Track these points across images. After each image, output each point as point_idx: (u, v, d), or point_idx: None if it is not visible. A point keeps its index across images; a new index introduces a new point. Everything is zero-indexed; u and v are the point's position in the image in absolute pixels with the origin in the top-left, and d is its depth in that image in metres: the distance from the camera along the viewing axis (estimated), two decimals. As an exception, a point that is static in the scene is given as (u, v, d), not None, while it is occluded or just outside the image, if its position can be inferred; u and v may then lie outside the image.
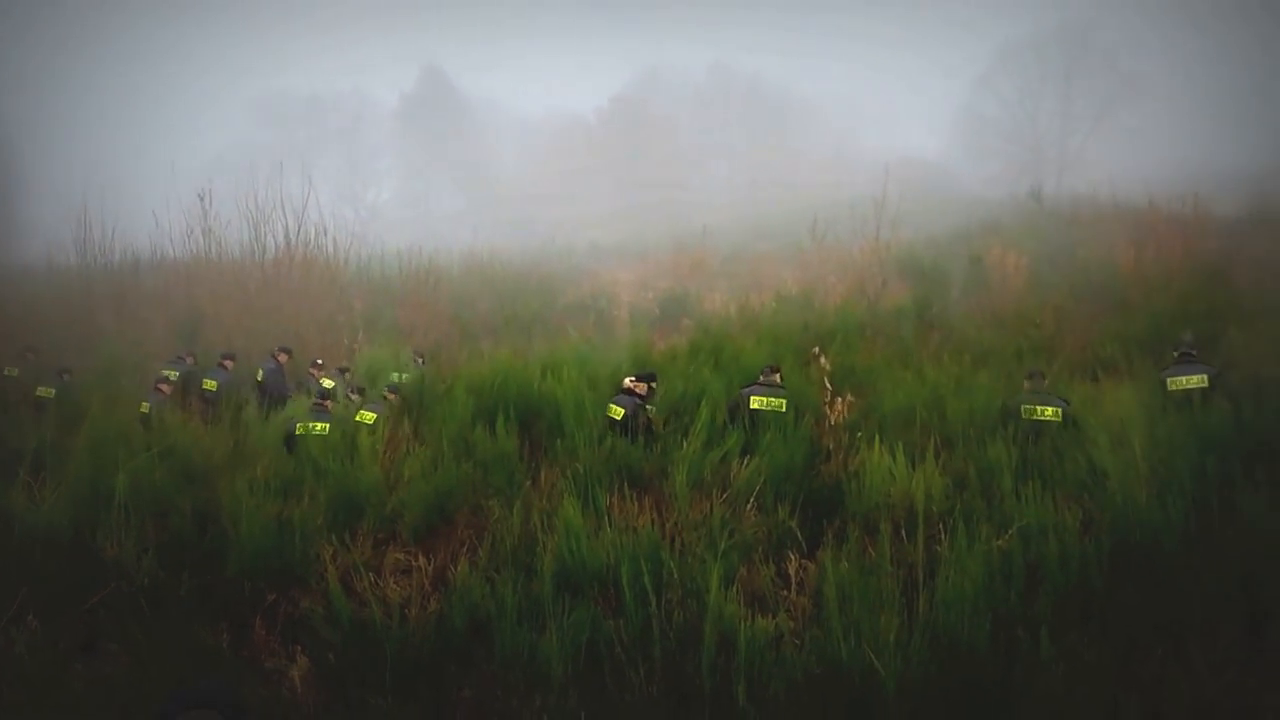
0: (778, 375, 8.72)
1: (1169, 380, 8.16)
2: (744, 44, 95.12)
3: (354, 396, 10.44)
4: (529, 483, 7.55)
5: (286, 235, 17.93)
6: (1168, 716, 4.50)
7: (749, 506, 6.80)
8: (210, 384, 11.62)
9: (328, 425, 8.85)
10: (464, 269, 26.12)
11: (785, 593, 5.73)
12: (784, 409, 8.21)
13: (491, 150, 72.13)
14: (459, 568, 6.03)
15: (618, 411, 8.33)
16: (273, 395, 11.27)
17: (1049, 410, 7.85)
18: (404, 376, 11.09)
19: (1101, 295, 13.53)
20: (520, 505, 6.79)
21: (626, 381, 8.80)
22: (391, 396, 9.96)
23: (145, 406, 10.40)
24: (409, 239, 26.65)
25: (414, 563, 6.44)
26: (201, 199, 18.04)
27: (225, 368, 12.05)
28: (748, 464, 7.31)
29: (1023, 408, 8.00)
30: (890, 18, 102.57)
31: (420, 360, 12.35)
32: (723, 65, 75.36)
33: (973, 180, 62.59)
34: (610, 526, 6.25)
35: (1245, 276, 14.36)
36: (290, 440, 8.84)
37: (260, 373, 11.84)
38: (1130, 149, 60.57)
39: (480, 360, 11.53)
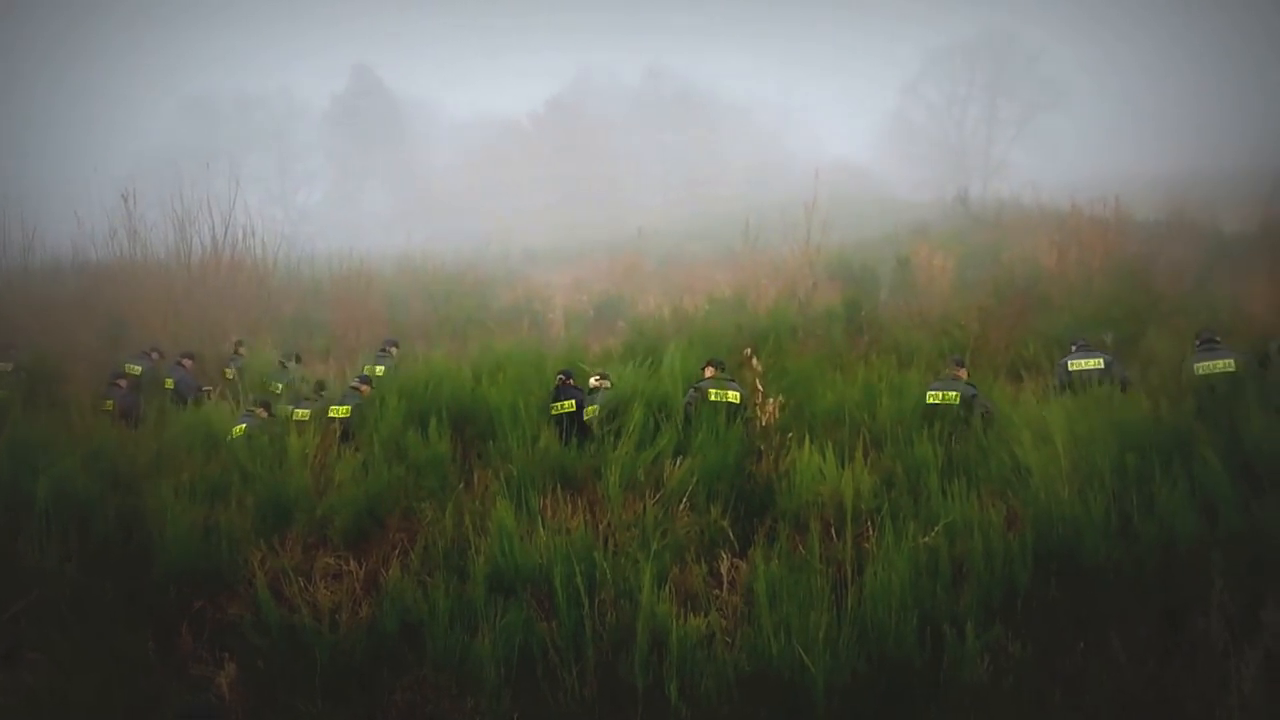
0: (722, 369, 8.85)
1: (1070, 363, 8.75)
2: (678, 49, 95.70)
3: (320, 394, 10.23)
4: (462, 486, 7.48)
5: (213, 237, 17.51)
6: (1090, 708, 4.60)
7: (682, 506, 6.81)
8: (169, 382, 11.50)
9: (244, 427, 8.73)
10: (397, 271, 25.79)
11: (718, 592, 5.76)
12: (739, 400, 8.36)
13: (425, 153, 71.33)
14: (390, 572, 5.98)
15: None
16: (186, 400, 11.06)
17: (951, 395, 8.15)
18: (379, 369, 10.84)
19: (1025, 296, 13.83)
20: (453, 508, 6.73)
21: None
22: (364, 389, 9.72)
23: (109, 404, 10.28)
24: (340, 241, 26.24)
25: (345, 567, 6.35)
26: (125, 200, 17.53)
27: (184, 366, 11.91)
28: (680, 464, 7.32)
29: (928, 393, 8.31)
30: (822, 26, 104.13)
31: (393, 349, 11.97)
32: (657, 70, 75.76)
33: (901, 185, 63.76)
34: (543, 528, 6.23)
35: (1164, 278, 14.87)
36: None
37: (170, 380, 11.60)
38: (1053, 154, 62.33)
39: (413, 363, 11.34)
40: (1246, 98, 72.99)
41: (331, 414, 9.01)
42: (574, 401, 8.82)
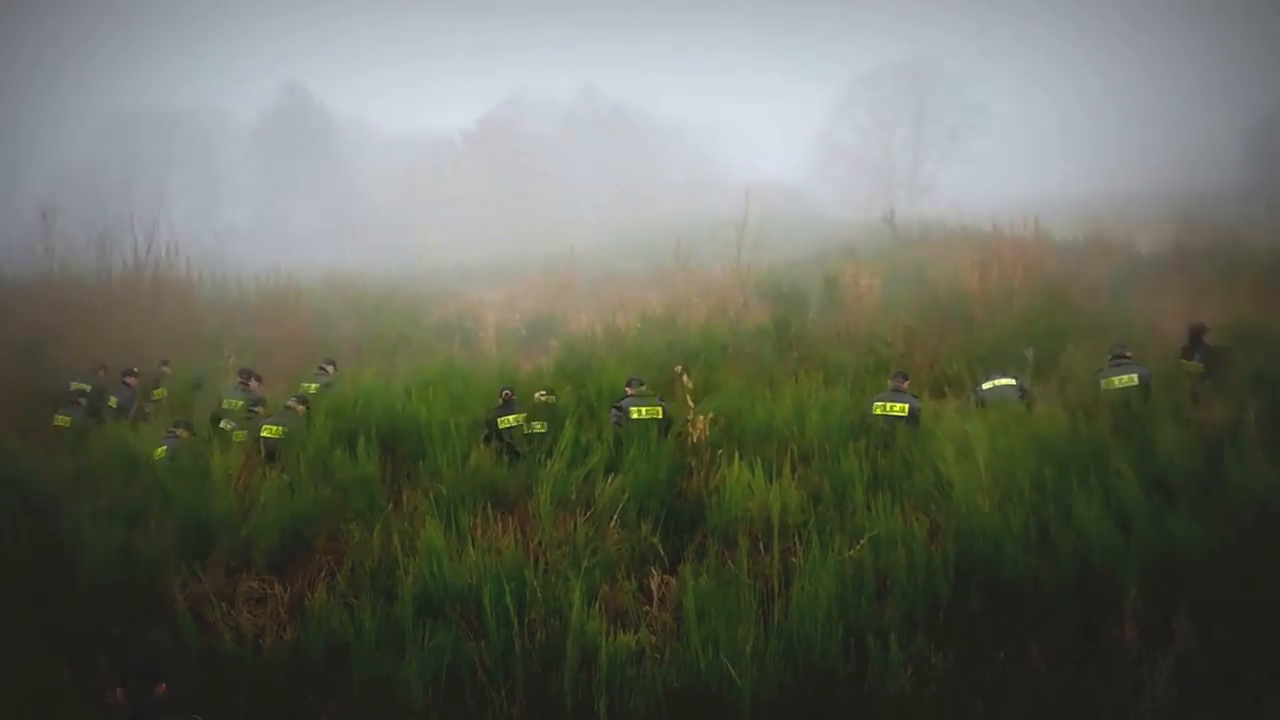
0: (644, 386, 9.00)
1: (983, 384, 9.14)
2: (611, 68, 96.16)
3: (257, 410, 9.98)
4: (391, 506, 7.36)
5: (135, 254, 17.05)
6: (1009, 716, 4.69)
7: (613, 524, 6.82)
8: (113, 400, 11.23)
9: (165, 449, 8.52)
10: (326, 289, 25.37)
11: (648, 608, 5.77)
12: (660, 415, 8.50)
13: (356, 170, 70.36)
14: (316, 594, 5.85)
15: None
16: (131, 418, 10.81)
17: (898, 406, 8.40)
18: (313, 386, 10.60)
19: (948, 315, 14.14)
20: (381, 529, 6.63)
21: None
22: (300, 408, 9.49)
23: (64, 420, 10.15)
24: (269, 258, 25.77)
25: (269, 590, 6.21)
26: (44, 216, 17.06)
27: (128, 384, 11.60)
28: (612, 481, 7.33)
29: (874, 404, 8.55)
30: (754, 47, 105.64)
31: (330, 368, 11.72)
32: (590, 89, 75.98)
33: (831, 205, 64.77)
34: (473, 548, 6.18)
35: (1082, 296, 15.37)
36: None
37: (113, 399, 11.29)
38: (976, 176, 63.97)
39: (342, 381, 11.16)
40: (1159, 123, 76.11)
41: (264, 433, 8.83)
42: (522, 415, 8.97)
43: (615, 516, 6.89)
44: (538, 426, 8.85)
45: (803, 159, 76.64)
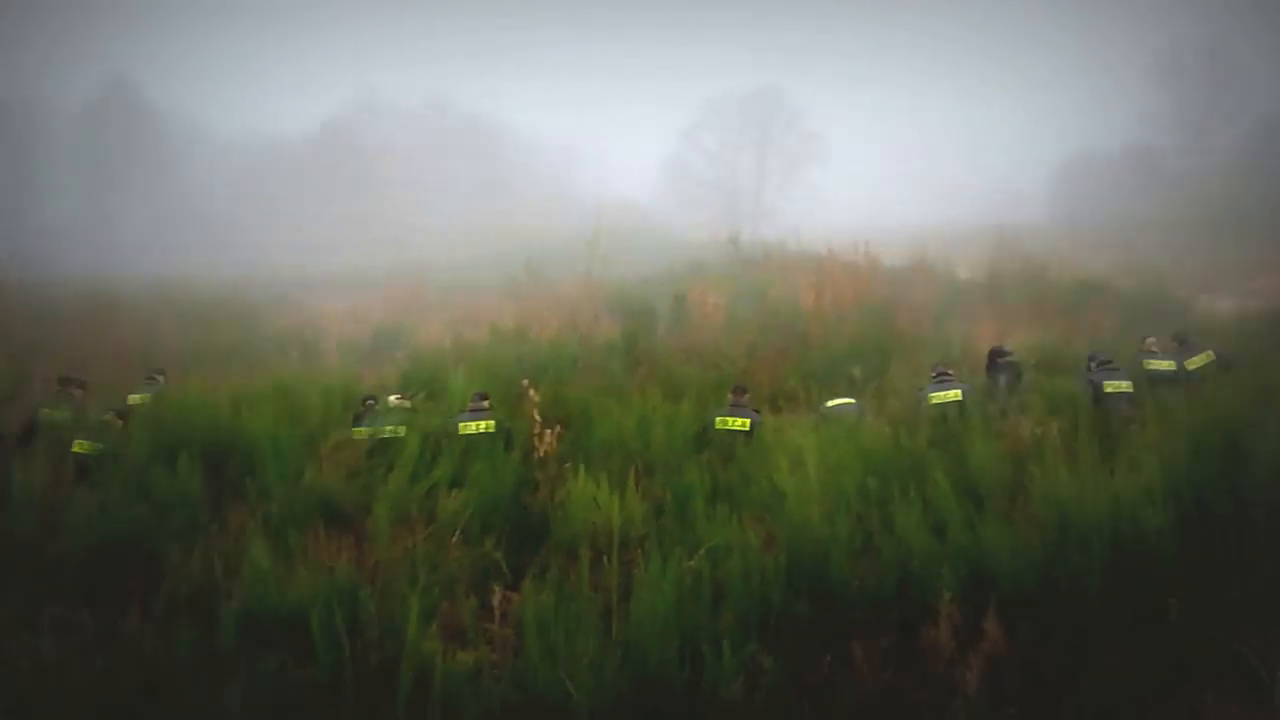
0: (486, 401, 9.08)
1: (827, 403, 9.66)
2: (464, 78, 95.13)
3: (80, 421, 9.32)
4: (215, 525, 7.01)
5: (-68, 255, 15.76)
6: (835, 717, 4.92)
7: (454, 539, 6.74)
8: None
9: None
10: (152, 295, 24.09)
11: (489, 625, 5.71)
12: (493, 429, 8.55)
13: (189, 171, 67.02)
14: (129, 621, 5.54)
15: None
16: None
17: (739, 421, 8.75)
18: (139, 398, 9.97)
19: (787, 333, 14.69)
20: (202, 550, 6.32)
21: None
22: (117, 422, 8.89)
23: None
24: (89, 261, 24.25)
25: (76, 618, 5.83)
26: None
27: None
28: (455, 496, 7.25)
29: (715, 419, 8.86)
30: (608, 66, 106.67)
31: (159, 378, 11.03)
32: (442, 97, 75.00)
33: (680, 225, 65.97)
34: (304, 568, 5.97)
35: (906, 317, 16.24)
36: None
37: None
38: (813, 202, 66.74)
39: (165, 393, 10.60)
40: (977, 160, 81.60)
41: (76, 449, 8.29)
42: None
43: (458, 532, 6.80)
44: (387, 431, 8.67)
45: (653, 179, 77.82)
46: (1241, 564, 5.26)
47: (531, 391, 9.11)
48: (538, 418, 8.74)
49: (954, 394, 9.05)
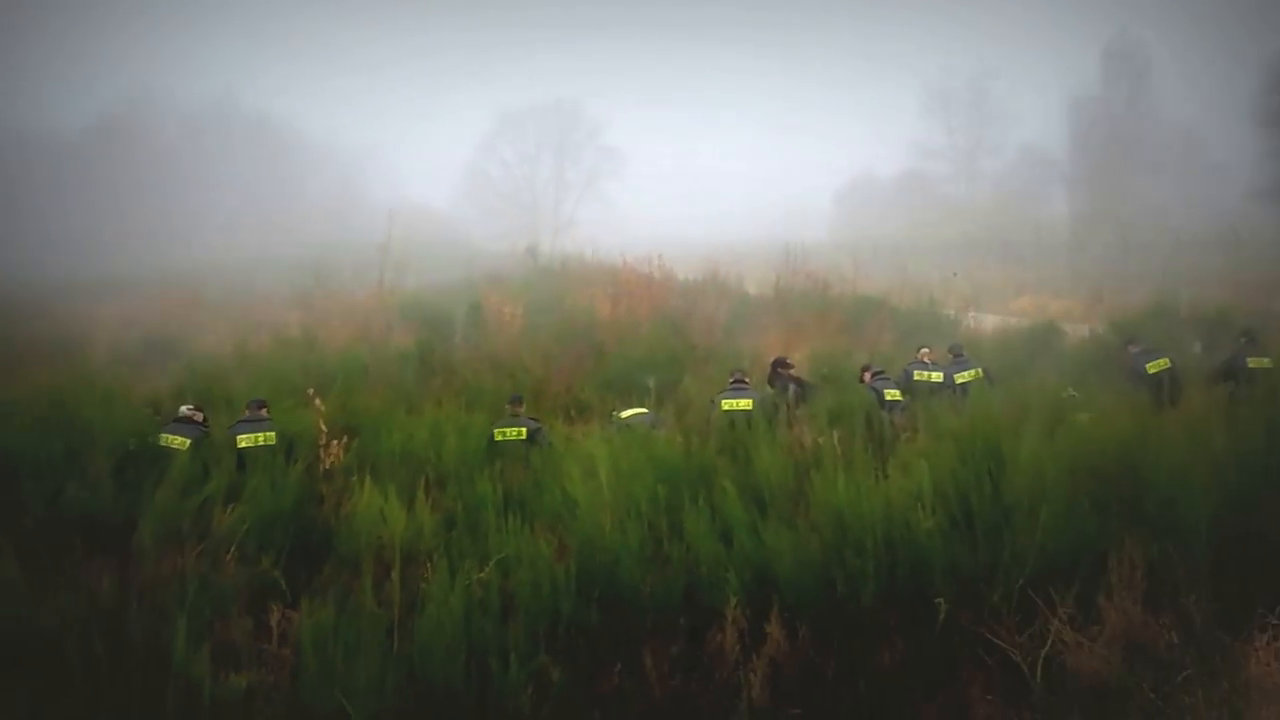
0: (264, 410, 8.81)
1: (619, 414, 9.75)
2: (252, 75, 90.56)
3: None
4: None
5: None
6: (624, 723, 4.92)
7: (229, 556, 6.37)
8: None
9: None
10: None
11: (267, 645, 5.40)
12: (274, 440, 8.35)
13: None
14: None
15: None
16: None
17: (515, 431, 8.86)
18: None
19: (583, 342, 14.80)
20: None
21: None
22: None
23: None
24: None
25: None
26: None
27: None
28: (231, 511, 6.90)
29: (495, 430, 8.89)
30: (404, 72, 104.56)
31: None
32: (229, 97, 71.30)
33: (478, 234, 65.65)
34: (62, 588, 5.51)
35: (699, 329, 16.74)
36: None
37: None
38: (611, 215, 68.02)
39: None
40: (766, 181, 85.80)
41: None
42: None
43: (233, 549, 6.44)
44: (175, 443, 8.24)
45: (451, 187, 77.13)
46: (1003, 564, 5.62)
47: (317, 401, 8.77)
48: (323, 428, 8.44)
49: (746, 403, 9.33)
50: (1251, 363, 10.13)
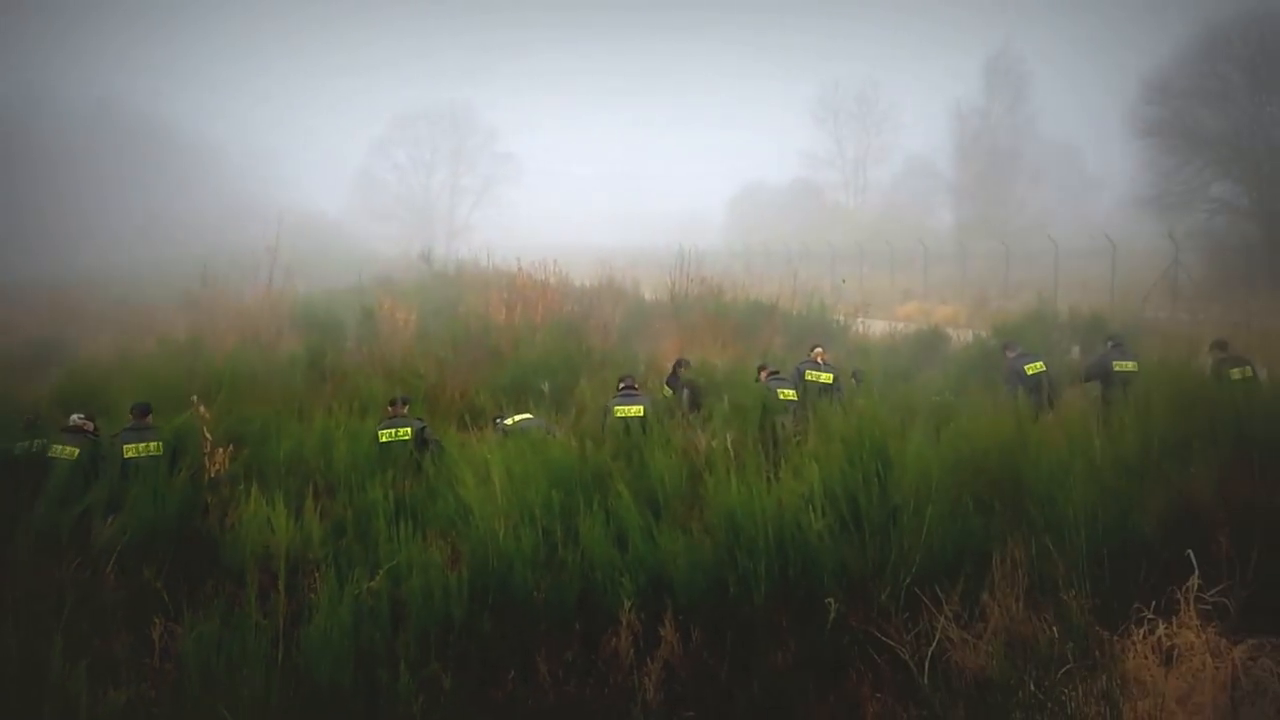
0: (149, 418, 8.47)
1: (505, 420, 9.75)
2: (136, 79, 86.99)
3: None
4: None
5: None
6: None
7: (109, 568, 6.20)
8: None
9: None
10: None
11: (148, 660, 5.23)
12: (159, 450, 8.05)
13: None
14: None
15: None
16: None
17: (402, 431, 8.85)
18: None
19: (478, 347, 14.69)
20: None
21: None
22: None
23: None
24: None
25: None
26: None
27: None
28: (111, 522, 6.75)
29: (380, 432, 8.87)
30: (296, 75, 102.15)
31: None
32: (113, 98, 68.62)
33: (371, 239, 64.59)
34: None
35: (595, 334, 16.86)
36: None
37: None
38: (507, 220, 67.83)
39: None
40: (662, 186, 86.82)
41: None
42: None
43: (113, 561, 6.25)
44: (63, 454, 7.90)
45: (344, 191, 75.97)
46: (890, 564, 5.75)
47: (202, 408, 8.50)
48: (208, 436, 8.20)
49: (637, 409, 9.37)
50: (1117, 366, 10.65)
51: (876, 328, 21.32)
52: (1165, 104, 34.93)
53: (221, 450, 8.04)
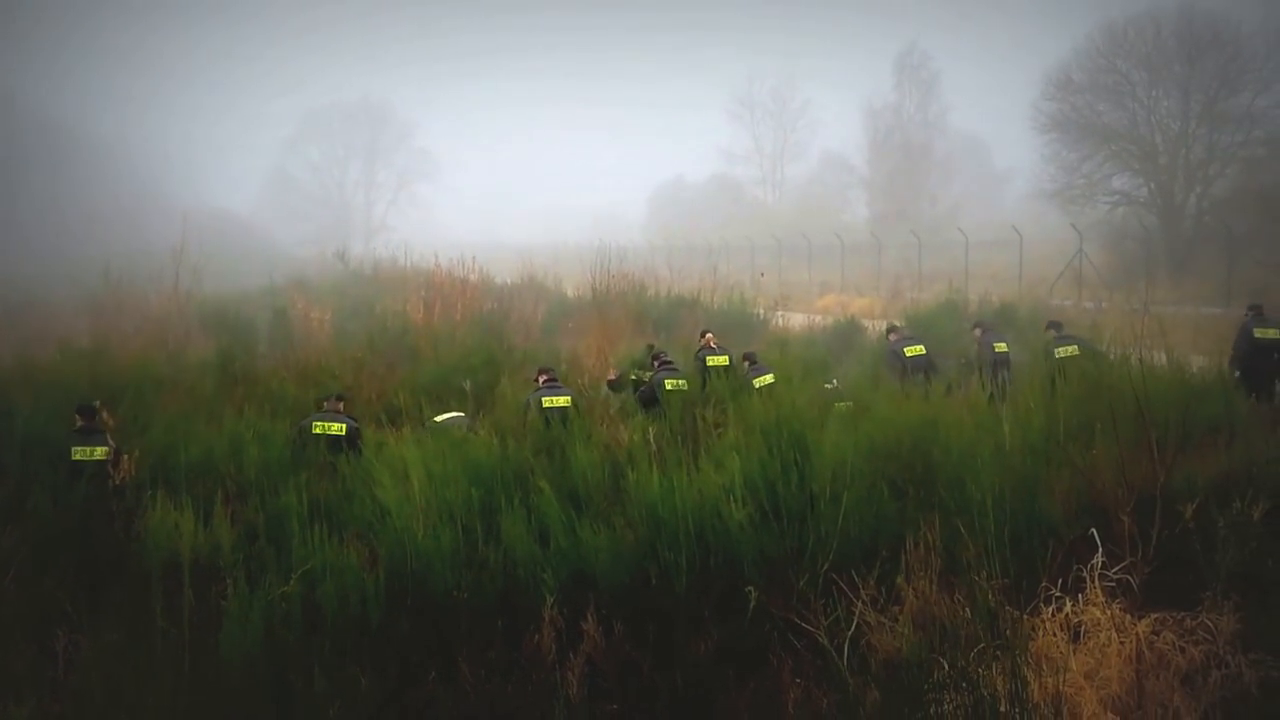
0: (96, 419, 8.33)
1: (434, 418, 9.76)
2: (33, 78, 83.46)
3: None
4: None
5: None
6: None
7: (8, 579, 6.01)
8: None
9: None
10: None
11: (51, 672, 5.09)
12: (108, 457, 7.89)
13: None
14: None
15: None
16: None
17: (336, 426, 8.93)
18: None
19: (397, 347, 14.52)
20: None
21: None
22: None
23: None
24: None
25: None
26: None
27: None
28: (8, 531, 6.50)
29: (314, 423, 8.94)
30: (201, 69, 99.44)
31: None
32: (8, 96, 65.67)
33: (283, 238, 63.23)
34: None
35: (516, 331, 16.80)
36: None
37: None
38: (426, 219, 67.00)
39: None
40: (582, 182, 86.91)
41: None
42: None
43: (12, 571, 6.06)
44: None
45: (254, 189, 74.17)
46: (809, 551, 5.83)
47: (106, 414, 8.26)
48: (111, 442, 8.07)
49: (564, 399, 9.47)
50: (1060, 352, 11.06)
51: (796, 320, 21.63)
52: (1066, 99, 36.31)
53: (127, 456, 7.81)
